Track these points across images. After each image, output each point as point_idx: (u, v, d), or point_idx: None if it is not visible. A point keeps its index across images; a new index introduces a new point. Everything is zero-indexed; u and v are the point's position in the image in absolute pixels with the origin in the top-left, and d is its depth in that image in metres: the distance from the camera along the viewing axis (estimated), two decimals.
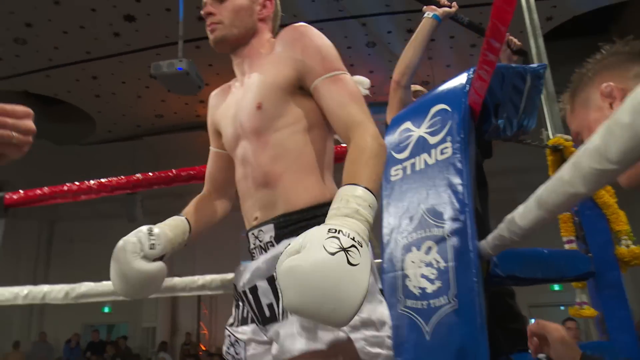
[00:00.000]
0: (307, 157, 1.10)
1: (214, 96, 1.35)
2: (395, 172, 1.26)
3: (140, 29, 7.45)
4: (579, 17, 7.70)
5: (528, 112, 1.38)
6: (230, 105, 1.23)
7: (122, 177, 1.44)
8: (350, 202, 0.85)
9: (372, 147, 0.96)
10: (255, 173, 1.13)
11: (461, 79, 1.23)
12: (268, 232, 1.08)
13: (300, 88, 1.12)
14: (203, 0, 1.26)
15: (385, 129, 1.78)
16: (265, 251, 1.08)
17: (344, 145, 1.32)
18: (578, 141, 0.81)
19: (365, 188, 0.88)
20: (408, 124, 1.28)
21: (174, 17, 7.03)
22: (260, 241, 1.10)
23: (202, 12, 1.24)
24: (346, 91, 1.07)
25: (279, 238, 1.06)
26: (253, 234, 1.12)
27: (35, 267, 10.64)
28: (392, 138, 1.33)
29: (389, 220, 1.23)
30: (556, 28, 7.74)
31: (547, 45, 2.82)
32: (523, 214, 0.77)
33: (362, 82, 1.19)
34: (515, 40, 1.87)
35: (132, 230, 1.13)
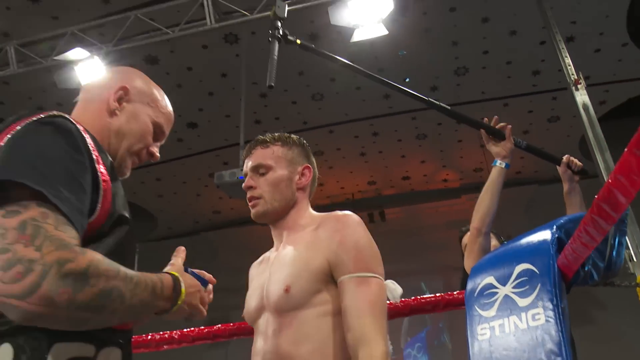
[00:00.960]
0: (332, 345, 1.06)
1: (252, 268, 1.34)
2: (482, 331, 1.22)
3: (201, 134, 7.96)
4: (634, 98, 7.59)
5: (615, 254, 1.33)
6: (263, 278, 1.21)
7: (203, 327, 1.48)
8: None
9: None
10: (273, 353, 1.08)
11: (545, 235, 1.21)
12: None
13: (331, 276, 1.10)
14: (244, 171, 1.30)
15: (462, 273, 1.76)
16: None
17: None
18: None
19: None
20: (491, 279, 1.26)
21: (233, 122, 7.51)
22: None
23: (243, 186, 1.28)
24: (367, 298, 1.04)
25: None
26: None
27: None
28: (473, 290, 1.31)
29: None
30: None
31: (602, 126, 2.67)
32: None
33: (392, 291, 1.17)
34: (576, 161, 1.84)
35: None
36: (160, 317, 0.88)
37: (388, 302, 1.13)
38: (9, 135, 0.80)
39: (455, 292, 1.45)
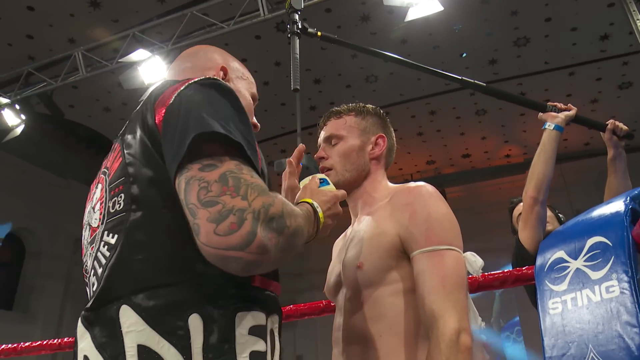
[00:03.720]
0: (405, 324, 1.02)
1: (335, 244, 1.33)
2: (554, 305, 1.20)
3: (259, 124, 8.13)
4: None
5: None
6: (341, 254, 1.21)
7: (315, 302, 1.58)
8: None
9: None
10: (349, 329, 1.09)
11: (618, 207, 1.16)
12: None
13: (404, 252, 1.06)
14: (318, 142, 1.29)
15: (516, 245, 1.71)
16: None
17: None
18: None
19: None
20: (561, 254, 1.23)
21: (288, 109, 7.61)
22: None
23: (315, 156, 1.25)
24: (440, 273, 0.98)
25: None
26: None
27: None
28: (543, 265, 1.29)
29: (553, 357, 1.16)
30: None
31: None
32: None
33: (472, 263, 1.08)
34: (621, 125, 1.74)
35: None
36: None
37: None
38: (175, 95, 0.79)
39: (524, 268, 1.42)
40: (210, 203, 0.67)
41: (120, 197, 0.80)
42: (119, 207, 0.80)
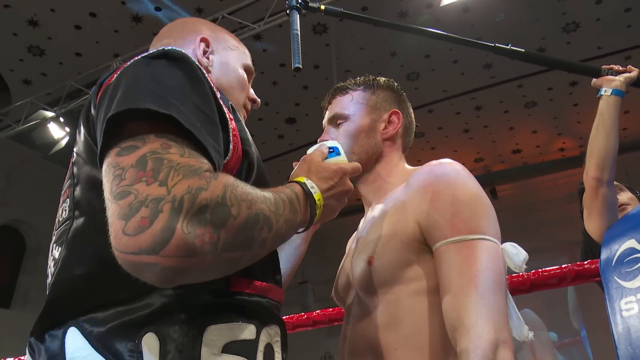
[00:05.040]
0: (428, 333, 0.81)
1: (348, 242, 1.16)
2: (628, 306, 1.03)
3: (300, 129, 8.10)
4: None
5: None
6: (351, 251, 1.03)
7: (303, 313, 1.48)
8: None
9: None
10: (357, 340, 0.90)
11: None
12: None
13: (426, 244, 0.86)
14: (323, 124, 1.14)
15: (583, 238, 1.52)
16: None
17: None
18: None
19: None
20: (632, 243, 1.06)
21: None
22: None
23: (318, 140, 1.08)
24: (470, 269, 0.77)
25: None
26: None
27: None
28: (610, 259, 1.12)
29: None
30: None
31: None
32: None
33: (513, 256, 0.87)
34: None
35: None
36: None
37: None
38: (116, 75, 0.67)
39: (586, 263, 1.23)
40: (121, 194, 0.53)
41: (67, 202, 0.70)
42: (65, 214, 0.69)
